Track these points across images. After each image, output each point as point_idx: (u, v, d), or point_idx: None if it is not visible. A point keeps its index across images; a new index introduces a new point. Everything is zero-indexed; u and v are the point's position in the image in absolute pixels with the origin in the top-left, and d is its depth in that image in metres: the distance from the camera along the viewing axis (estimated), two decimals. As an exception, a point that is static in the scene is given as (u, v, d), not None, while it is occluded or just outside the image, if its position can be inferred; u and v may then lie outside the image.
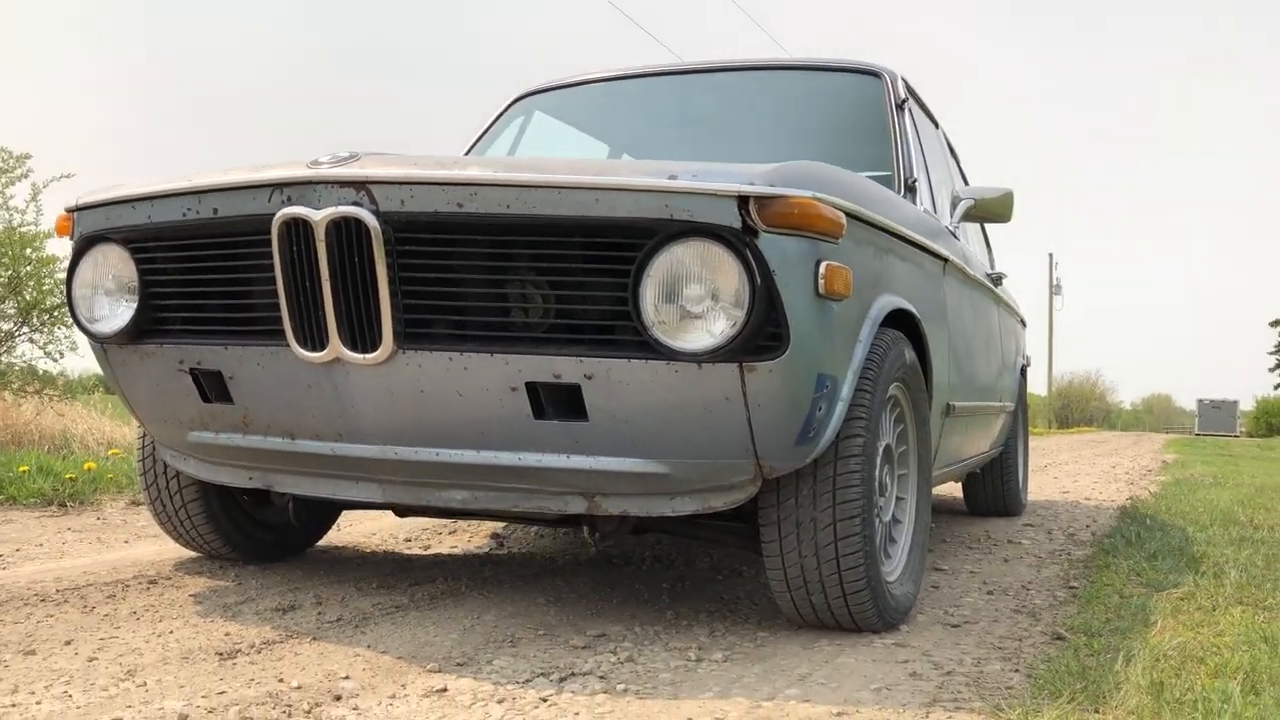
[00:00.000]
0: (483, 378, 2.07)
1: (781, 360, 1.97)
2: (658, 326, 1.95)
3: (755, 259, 1.92)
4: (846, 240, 2.13)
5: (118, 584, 2.60)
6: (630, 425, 2.06)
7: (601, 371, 2.01)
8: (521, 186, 1.98)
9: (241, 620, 2.27)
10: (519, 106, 3.83)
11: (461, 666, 1.99)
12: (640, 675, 1.97)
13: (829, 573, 2.21)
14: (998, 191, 3.38)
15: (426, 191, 2.02)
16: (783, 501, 2.22)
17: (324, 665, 1.95)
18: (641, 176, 1.95)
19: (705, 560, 3.31)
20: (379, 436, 2.20)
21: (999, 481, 4.69)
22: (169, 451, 2.60)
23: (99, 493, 4.38)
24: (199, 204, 2.21)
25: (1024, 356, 5.01)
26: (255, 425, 2.34)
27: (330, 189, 2.05)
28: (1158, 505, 5.34)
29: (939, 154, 3.78)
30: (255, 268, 2.19)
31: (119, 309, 2.38)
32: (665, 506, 2.19)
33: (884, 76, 3.36)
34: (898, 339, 2.41)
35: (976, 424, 3.68)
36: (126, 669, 1.89)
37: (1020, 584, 3.05)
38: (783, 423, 2.04)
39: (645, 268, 1.94)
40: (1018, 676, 2.00)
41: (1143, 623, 2.44)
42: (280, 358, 2.19)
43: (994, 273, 4.17)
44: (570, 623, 2.36)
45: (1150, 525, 4.29)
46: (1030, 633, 2.40)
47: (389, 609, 2.42)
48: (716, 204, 1.93)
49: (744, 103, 3.59)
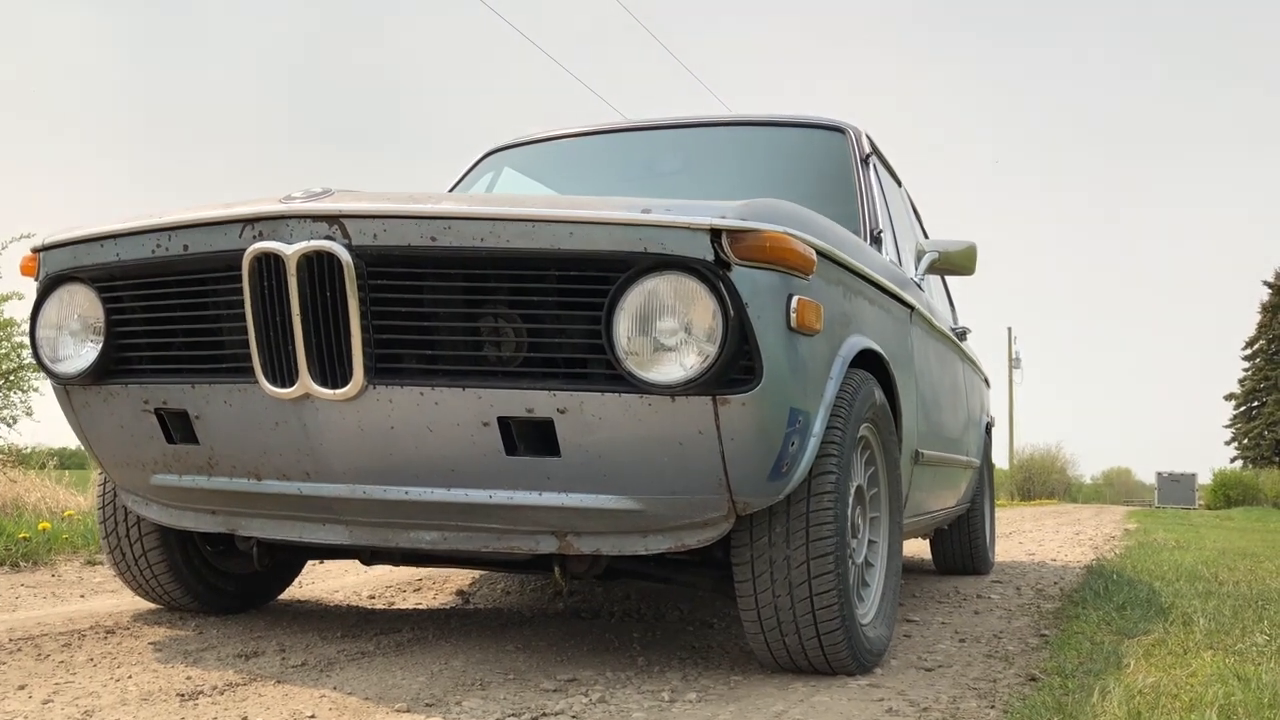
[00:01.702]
0: (454, 412, 2.05)
1: (754, 393, 1.97)
2: (631, 359, 1.95)
3: (728, 291, 1.93)
4: (817, 278, 2.16)
5: (74, 634, 2.53)
6: (603, 460, 2.04)
7: (575, 405, 2.00)
8: (495, 220, 1.99)
9: (203, 665, 2.21)
10: (488, 162, 3.86)
11: (430, 707, 1.94)
12: (613, 715, 1.93)
13: (803, 612, 2.19)
14: (961, 244, 3.43)
15: (400, 225, 2.02)
16: (755, 540, 2.20)
17: (289, 705, 1.90)
18: (615, 210, 1.97)
19: (675, 613, 3.27)
20: (347, 475, 2.17)
21: (966, 539, 4.69)
22: (131, 496, 2.55)
23: (54, 553, 4.26)
24: (169, 240, 2.20)
25: (989, 415, 5.05)
26: (221, 466, 2.30)
27: (303, 223, 2.05)
28: (1123, 564, 5.36)
29: (902, 210, 3.84)
30: (224, 304, 2.17)
31: (83, 349, 2.35)
32: (638, 545, 2.16)
33: (848, 132, 3.43)
34: (867, 379, 2.42)
35: (943, 476, 3.69)
36: (84, 710, 1.83)
37: (992, 633, 3.03)
38: (756, 457, 2.03)
39: (618, 300, 1.95)
40: (994, 712, 1.98)
41: (1115, 665, 2.43)
42: (248, 395, 2.16)
43: (958, 327, 4.22)
44: (540, 668, 2.32)
45: (1117, 580, 4.31)
46: (1004, 675, 2.38)
47: (354, 655, 2.37)
48: (689, 237, 1.94)
49: (710, 158, 3.65)
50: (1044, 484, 44.41)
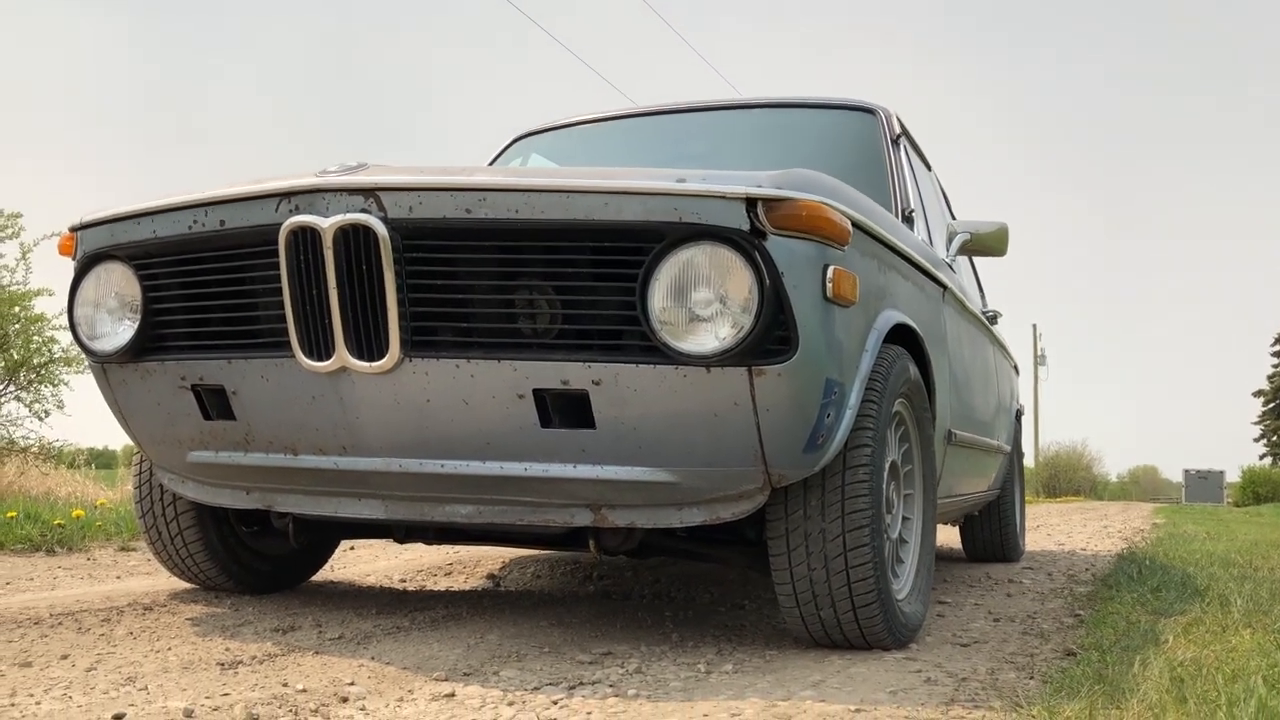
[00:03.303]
0: (490, 385, 2.06)
1: (790, 364, 1.97)
2: (666, 329, 1.95)
3: (764, 261, 1.93)
4: (852, 250, 2.15)
5: (112, 610, 2.55)
6: (638, 433, 2.04)
7: (609, 377, 2.00)
8: (530, 191, 1.99)
9: (241, 638, 2.23)
10: (516, 147, 3.86)
11: (468, 676, 1.95)
12: (650, 684, 1.93)
13: (838, 585, 2.18)
14: (993, 225, 3.41)
15: (435, 198, 2.03)
16: (790, 513, 2.20)
17: (328, 673, 1.91)
18: (650, 180, 1.97)
19: (707, 595, 3.26)
20: (383, 449, 2.18)
21: (996, 526, 4.67)
22: (167, 474, 2.57)
23: (87, 539, 4.30)
24: (205, 216, 2.21)
25: (1018, 402, 5.02)
26: (257, 442, 2.31)
27: (339, 196, 2.06)
28: (1155, 552, 5.32)
29: (932, 193, 3.82)
30: (261, 279, 2.19)
31: (121, 327, 2.37)
32: (673, 517, 2.16)
33: (878, 113, 3.41)
34: (902, 354, 2.41)
35: (975, 460, 3.67)
36: (127, 676, 1.84)
37: (1026, 613, 3.02)
38: (791, 429, 2.02)
39: (653, 271, 1.95)
40: (1033, 683, 1.97)
41: (1154, 641, 2.41)
42: (285, 369, 2.17)
43: (989, 311, 4.19)
44: (574, 642, 2.32)
45: (1150, 566, 4.27)
46: (1041, 650, 2.37)
47: (390, 629, 2.38)
48: (725, 206, 1.94)
49: (739, 140, 3.64)
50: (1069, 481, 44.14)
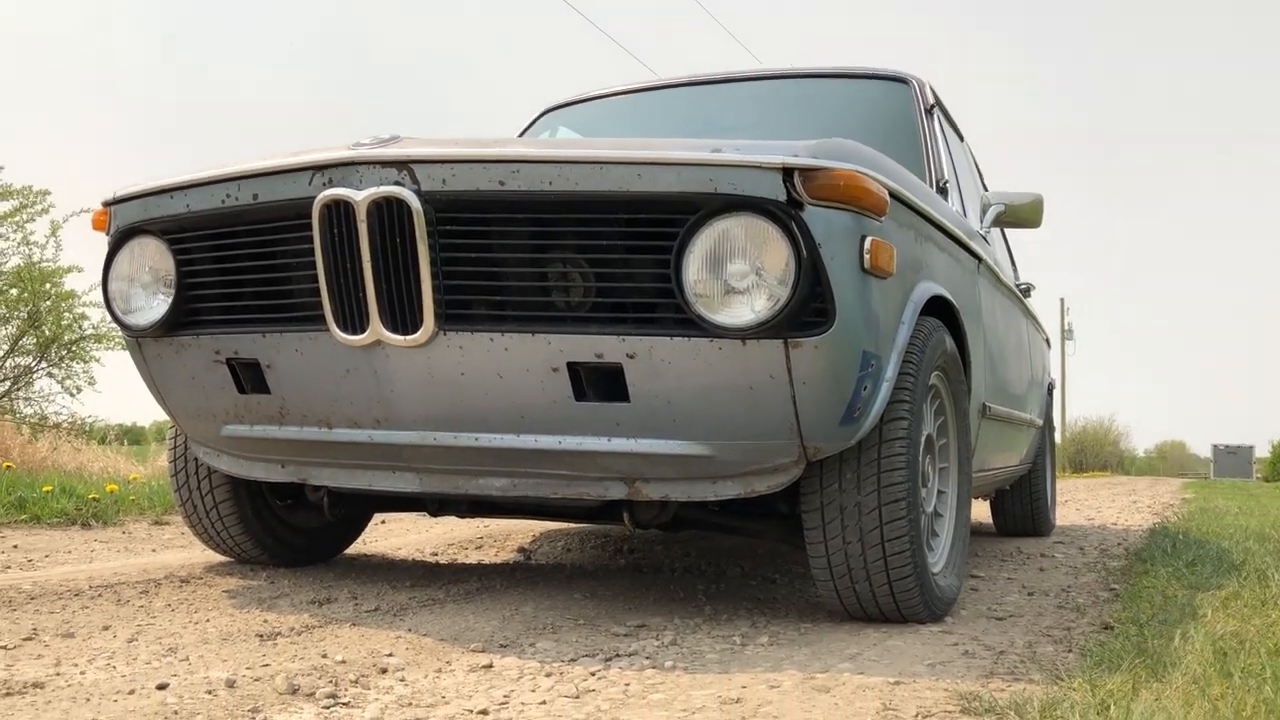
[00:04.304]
0: (524, 359, 2.05)
1: (826, 336, 1.95)
2: (701, 302, 1.94)
3: (801, 232, 1.91)
4: (889, 220, 2.12)
5: (149, 582, 2.57)
6: (672, 406, 2.03)
7: (644, 350, 1.99)
8: (564, 163, 1.98)
9: (278, 610, 2.24)
10: (544, 121, 3.84)
11: (505, 648, 1.95)
12: (686, 656, 1.93)
13: (874, 559, 2.17)
14: (1027, 197, 3.37)
15: (468, 170, 2.02)
16: (826, 486, 2.19)
17: (366, 645, 1.92)
18: (685, 151, 1.95)
19: (738, 569, 3.26)
20: (418, 422, 2.18)
21: (1028, 500, 4.64)
22: (202, 448, 2.58)
23: (122, 513, 4.34)
24: (238, 190, 2.21)
25: (1050, 375, 4.98)
26: (292, 415, 2.32)
27: (372, 169, 2.05)
28: (1187, 526, 5.28)
29: (965, 164, 3.78)
30: (295, 252, 2.19)
31: (155, 301, 2.37)
32: (707, 491, 2.16)
33: (912, 83, 3.37)
34: (938, 326, 2.39)
35: (1008, 434, 3.64)
36: (167, 647, 1.86)
37: (1060, 587, 3.00)
38: (827, 401, 2.01)
39: (688, 243, 1.93)
40: (1072, 655, 1.96)
41: (1191, 615, 2.39)
42: (319, 343, 2.17)
43: (1022, 284, 4.15)
44: (609, 614, 2.33)
45: (1184, 540, 4.24)
46: (1078, 623, 2.36)
47: (425, 601, 2.39)
48: (761, 176, 1.92)
49: (769, 112, 3.60)
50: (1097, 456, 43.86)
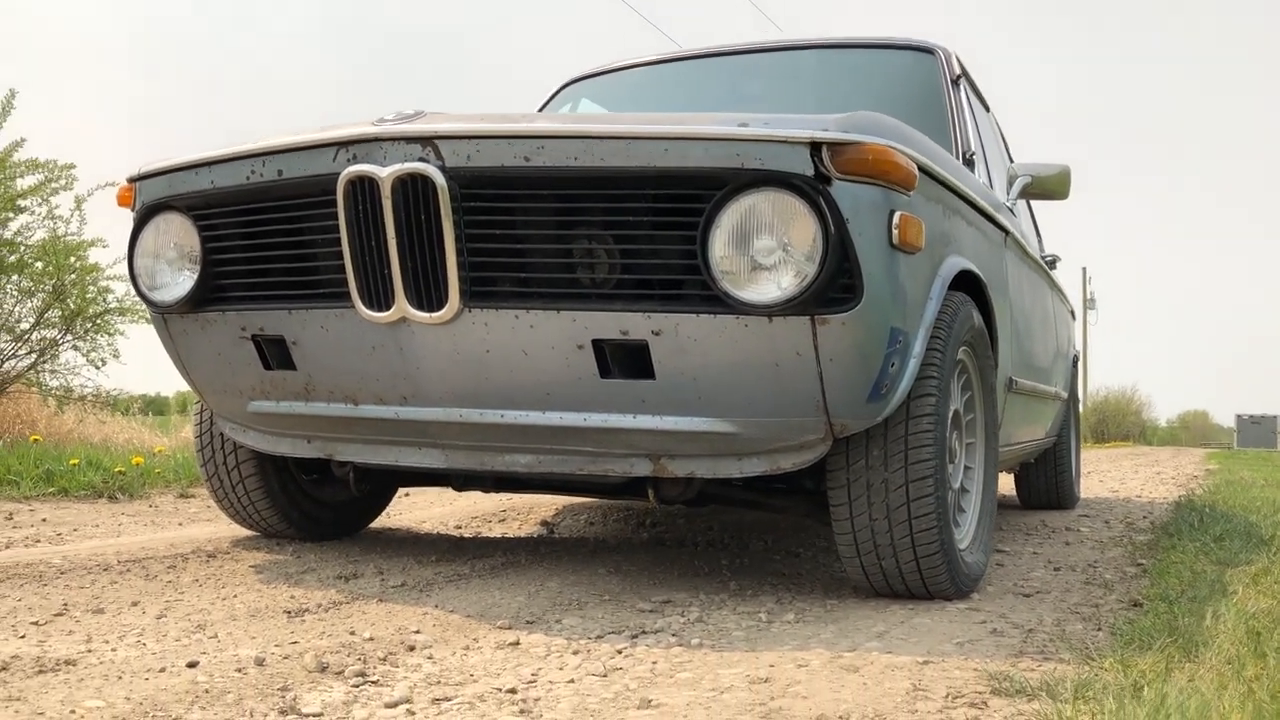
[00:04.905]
0: (549, 336, 2.04)
1: (854, 313, 1.93)
2: (727, 278, 1.92)
3: (829, 207, 1.89)
4: (917, 194, 2.10)
5: (177, 557, 2.59)
6: (698, 383, 2.02)
7: (669, 327, 1.98)
8: (589, 138, 1.96)
9: (305, 586, 2.25)
10: (566, 93, 3.81)
11: (531, 624, 1.95)
12: (713, 633, 1.93)
13: (901, 536, 2.16)
14: (1054, 168, 3.32)
15: (493, 145, 2.00)
16: (853, 463, 2.17)
17: (393, 622, 1.93)
18: (712, 125, 1.93)
19: (760, 543, 3.26)
20: (443, 399, 2.18)
21: (1052, 472, 4.62)
22: (228, 423, 2.59)
23: (147, 486, 4.38)
24: (263, 166, 2.20)
25: (1074, 347, 4.94)
26: (318, 391, 2.32)
27: (396, 145, 2.04)
28: (1213, 499, 5.24)
29: (991, 135, 3.73)
30: (320, 229, 2.18)
31: (180, 277, 2.37)
32: (733, 467, 2.15)
33: (938, 53, 3.32)
34: (966, 301, 2.36)
35: (1034, 407, 3.61)
36: (196, 624, 1.87)
37: (1086, 562, 2.98)
38: (854, 378, 1.99)
39: (714, 218, 1.91)
40: (1101, 634, 1.95)
41: (1221, 592, 2.37)
42: (345, 320, 2.17)
43: (1048, 255, 4.11)
44: (633, 590, 2.33)
45: (1211, 514, 4.21)
46: (1106, 600, 2.34)
47: (451, 577, 2.40)
48: (789, 151, 1.90)
49: (794, 82, 3.56)
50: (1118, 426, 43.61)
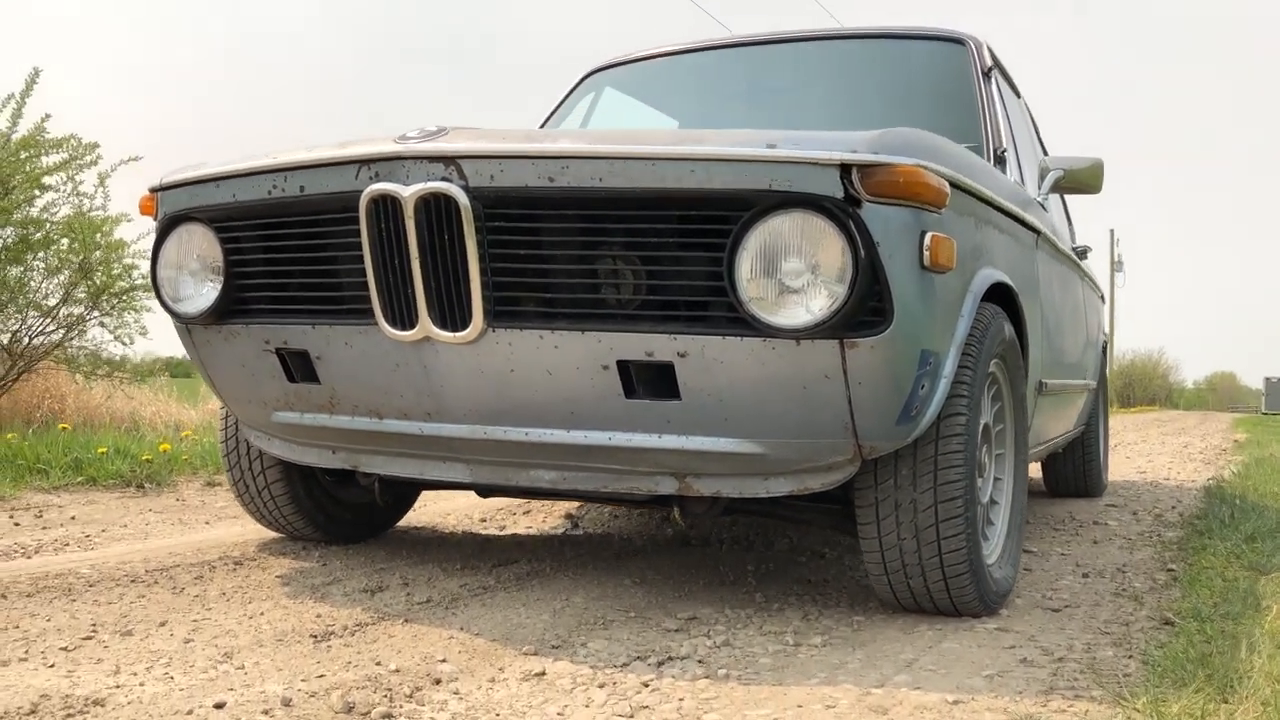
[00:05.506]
0: (573, 356, 2.02)
1: (884, 336, 1.90)
2: (754, 302, 1.89)
3: (858, 230, 1.85)
4: (949, 210, 2.05)
5: (204, 564, 2.60)
6: (724, 404, 2.00)
7: (695, 349, 1.95)
8: (614, 159, 1.92)
9: (331, 602, 2.26)
10: (589, 83, 3.77)
11: (557, 649, 1.95)
12: (739, 660, 1.92)
13: (929, 556, 2.14)
14: (1087, 161, 3.26)
15: (517, 166, 1.97)
16: (881, 483, 2.15)
17: (419, 648, 1.92)
18: (739, 147, 1.89)
19: (784, 541, 3.25)
20: (468, 416, 2.17)
21: (1080, 461, 4.58)
22: (253, 432, 2.59)
23: (174, 474, 4.41)
24: (284, 182, 2.18)
25: (1104, 332, 4.88)
26: (342, 405, 2.31)
27: (419, 164, 2.01)
28: (1243, 485, 5.18)
29: (1023, 124, 3.66)
30: (342, 245, 2.16)
31: (204, 289, 2.36)
32: (759, 487, 2.13)
33: (969, 44, 3.25)
34: (997, 314, 2.32)
35: (1063, 402, 3.57)
36: (223, 651, 1.87)
37: (1115, 566, 2.95)
38: (884, 401, 1.97)
39: (741, 241, 1.88)
40: (1133, 663, 1.92)
41: (1254, 607, 2.34)
42: (369, 337, 2.16)
43: (1078, 246, 4.05)
44: (659, 605, 2.32)
45: (1241, 506, 4.16)
46: (1136, 617, 2.32)
47: (476, 590, 2.40)
48: (818, 173, 1.86)
49: (820, 74, 3.50)
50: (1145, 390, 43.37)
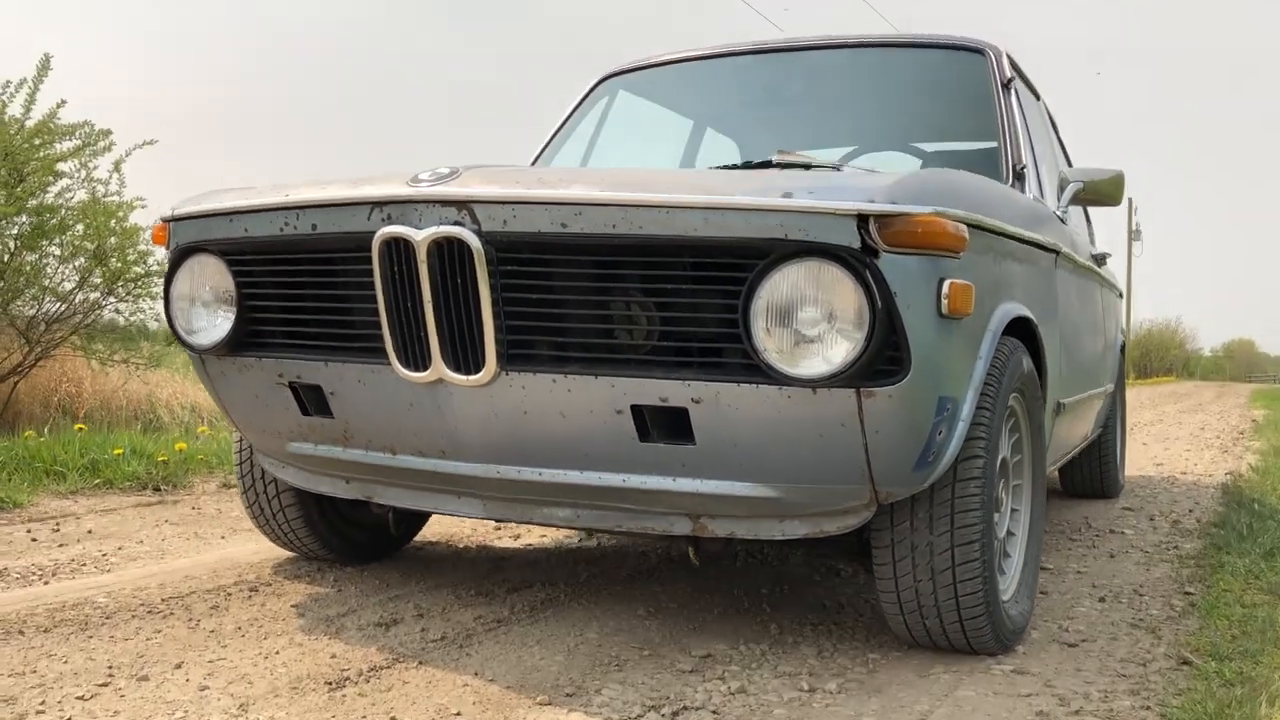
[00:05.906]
0: (587, 400, 2.01)
1: (901, 385, 1.88)
2: (770, 352, 1.86)
3: (875, 281, 1.82)
4: (968, 251, 2.02)
5: (219, 591, 2.61)
6: (739, 449, 1.99)
7: (710, 395, 1.94)
8: (628, 206, 1.90)
9: (345, 638, 2.26)
10: (603, 88, 3.73)
11: (571, 698, 1.95)
12: (754, 709, 1.92)
13: (945, 598, 2.13)
14: (1107, 173, 3.21)
15: (530, 211, 1.95)
16: (897, 525, 2.14)
17: (433, 698, 1.93)
18: (754, 196, 1.86)
19: (799, 554, 3.24)
20: (482, 455, 2.16)
21: (1097, 464, 4.55)
22: (268, 459, 2.59)
23: (190, 474, 4.43)
24: (297, 219, 2.17)
25: (1122, 332, 4.84)
26: (356, 440, 2.31)
27: (431, 208, 2.00)
28: (1262, 484, 5.15)
29: (1043, 131, 3.61)
30: (355, 284, 2.15)
31: (217, 320, 2.35)
32: (775, 529, 2.12)
33: (988, 54, 3.20)
34: (1016, 347, 2.30)
35: (1081, 413, 3.54)
36: (239, 702, 1.88)
37: (1132, 588, 2.94)
38: (901, 448, 1.95)
39: (756, 289, 1.85)
40: (1151, 715, 1.91)
41: (1273, 643, 2.33)
42: (382, 376, 2.15)
43: (1098, 253, 4.00)
44: (674, 640, 2.32)
45: (1259, 512, 4.13)
46: (1154, 654, 2.30)
47: (491, 624, 2.40)
48: (834, 223, 1.83)
49: (837, 82, 3.46)
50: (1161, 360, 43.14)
